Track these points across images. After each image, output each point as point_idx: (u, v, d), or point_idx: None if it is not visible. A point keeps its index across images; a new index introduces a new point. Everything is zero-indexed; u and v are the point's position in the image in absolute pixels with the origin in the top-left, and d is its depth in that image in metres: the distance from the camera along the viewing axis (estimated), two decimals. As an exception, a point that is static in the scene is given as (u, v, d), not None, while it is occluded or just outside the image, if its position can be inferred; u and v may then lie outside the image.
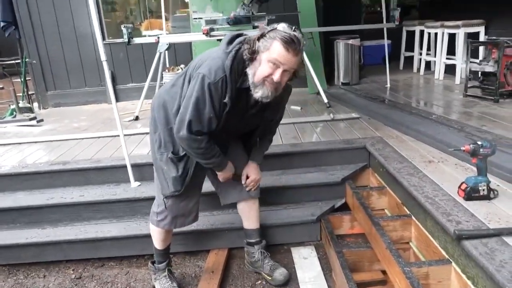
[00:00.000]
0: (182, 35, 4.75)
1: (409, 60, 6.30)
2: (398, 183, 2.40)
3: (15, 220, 2.87)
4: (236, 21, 4.18)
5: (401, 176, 2.36)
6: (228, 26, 4.20)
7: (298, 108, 4.31)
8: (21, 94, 5.62)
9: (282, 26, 1.78)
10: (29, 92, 5.81)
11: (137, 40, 4.43)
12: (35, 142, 3.83)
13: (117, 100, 5.08)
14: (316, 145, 3.13)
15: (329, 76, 5.54)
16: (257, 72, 1.78)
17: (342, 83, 5.43)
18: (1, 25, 5.40)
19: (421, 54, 5.91)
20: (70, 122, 4.66)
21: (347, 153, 3.02)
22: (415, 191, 2.15)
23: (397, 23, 4.53)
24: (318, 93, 4.43)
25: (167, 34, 5.09)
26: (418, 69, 5.97)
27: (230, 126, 1.95)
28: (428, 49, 5.82)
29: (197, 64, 1.89)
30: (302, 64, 1.88)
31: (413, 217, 2.27)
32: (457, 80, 4.93)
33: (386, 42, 5.08)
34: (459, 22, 4.82)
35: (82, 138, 3.79)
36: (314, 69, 4.44)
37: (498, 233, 1.67)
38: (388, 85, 5.11)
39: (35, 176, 3.05)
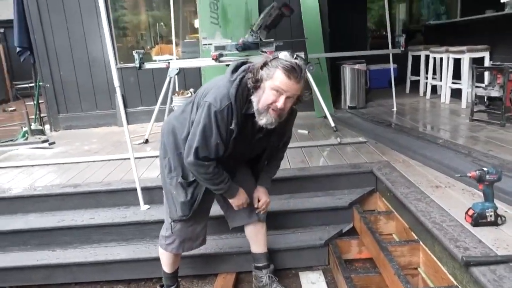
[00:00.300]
0: (191, 60, 4.87)
1: (415, 84, 6.36)
2: (405, 208, 2.42)
3: (26, 242, 2.91)
4: (244, 47, 4.29)
5: (409, 201, 2.38)
6: (237, 52, 4.30)
7: (306, 132, 4.36)
8: (33, 117, 5.75)
9: (283, 55, 1.84)
10: (41, 115, 5.94)
11: (148, 65, 4.56)
12: (47, 164, 3.90)
13: (127, 123, 5.17)
14: (323, 169, 3.17)
15: (336, 100, 5.61)
16: (261, 99, 1.84)
17: (349, 106, 5.49)
18: (17, 50, 5.58)
19: (427, 78, 5.98)
20: (81, 144, 4.74)
21: (354, 177, 3.05)
22: (422, 216, 2.17)
23: (402, 49, 4.61)
24: (325, 116, 4.49)
25: (177, 59, 5.21)
26: (425, 93, 6.03)
27: (237, 151, 2.00)
28: (434, 73, 5.89)
29: (204, 92, 1.96)
30: (305, 89, 1.93)
31: (421, 243, 2.28)
32: (463, 104, 4.97)
33: (392, 66, 5.16)
34: (464, 48, 4.89)
35: (93, 161, 3.86)
36: (321, 93, 4.51)
37: (506, 260, 1.68)
38: (395, 108, 5.16)
39: (47, 198, 3.11)
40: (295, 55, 1.87)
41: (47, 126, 5.90)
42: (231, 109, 1.84)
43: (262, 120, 1.87)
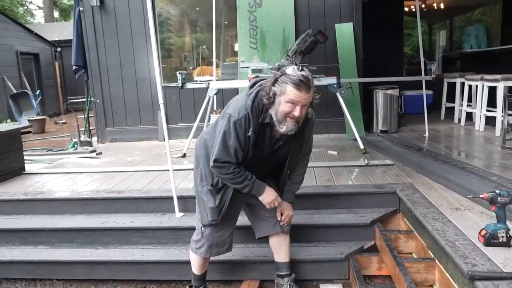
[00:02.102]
0: (230, 82, 5.18)
1: (450, 111, 6.37)
2: (423, 227, 2.52)
3: (73, 240, 3.23)
4: (279, 69, 4.53)
5: (426, 221, 2.49)
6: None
7: (335, 153, 4.52)
8: (83, 129, 6.25)
9: (291, 70, 2.03)
10: (90, 127, 6.44)
11: (189, 85, 4.91)
12: (94, 172, 4.27)
13: (168, 138, 5.54)
14: (348, 188, 3.31)
15: (368, 124, 5.74)
16: (278, 112, 2.06)
17: (380, 130, 5.60)
18: (73, 68, 6.13)
19: (462, 105, 6.00)
20: (125, 156, 5.12)
21: (378, 197, 3.17)
22: (437, 234, 2.27)
23: (434, 76, 4.71)
24: (356, 139, 4.63)
25: (216, 80, 5.54)
26: (459, 120, 6.03)
27: (261, 159, 2.24)
28: (469, 100, 5.90)
29: (226, 107, 2.23)
30: (314, 93, 2.10)
31: (436, 261, 2.37)
32: (497, 132, 4.95)
33: (424, 93, 5.24)
34: (499, 76, 4.92)
35: (135, 171, 4.19)
36: (352, 116, 4.67)
37: (511, 277, 1.77)
38: (427, 134, 5.21)
39: (93, 202, 3.43)
40: (300, 67, 2.05)
41: (94, 138, 6.38)
42: (248, 118, 2.08)
43: (282, 128, 2.09)
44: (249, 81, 4.57)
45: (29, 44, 12.17)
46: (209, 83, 4.77)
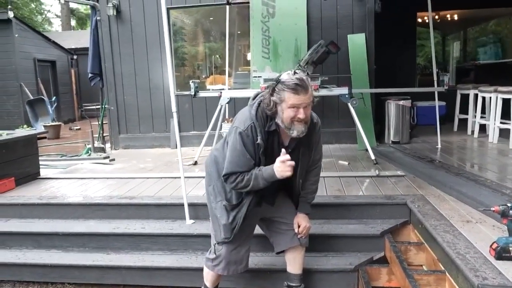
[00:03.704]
0: (242, 90, 5.22)
1: (463, 122, 6.32)
2: (434, 240, 2.51)
3: (84, 244, 3.28)
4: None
5: (437, 233, 2.48)
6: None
7: (346, 163, 4.52)
8: (97, 135, 6.36)
9: (285, 76, 2.09)
10: (104, 134, 6.55)
11: (202, 94, 4.98)
12: (107, 178, 4.34)
13: (180, 145, 5.60)
14: (358, 198, 3.31)
15: (380, 134, 5.72)
16: (284, 118, 2.10)
17: (392, 141, 5.57)
18: (89, 76, 6.25)
19: (475, 116, 5.95)
20: (138, 162, 5.19)
21: (388, 208, 3.16)
22: (447, 247, 2.26)
23: (446, 87, 4.69)
24: (367, 150, 4.62)
25: (229, 89, 5.60)
26: (472, 132, 5.97)
27: None
28: (483, 112, 5.85)
29: (233, 121, 2.30)
30: (315, 93, 2.22)
31: (447, 273, 2.35)
32: (511, 144, 4.90)
33: (437, 104, 5.21)
34: (512, 88, 4.88)
35: (147, 177, 4.24)
36: (363, 127, 4.67)
37: (521, 291, 1.75)
38: (439, 145, 5.18)
39: (105, 207, 3.49)
40: (293, 71, 2.10)
41: (107, 145, 6.47)
42: (254, 128, 2.14)
43: (293, 133, 2.13)
44: (261, 90, 4.62)
45: (46, 52, 12.42)
46: (221, 92, 4.82)
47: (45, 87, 11.77)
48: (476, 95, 5.94)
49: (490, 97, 5.48)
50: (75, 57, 13.92)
